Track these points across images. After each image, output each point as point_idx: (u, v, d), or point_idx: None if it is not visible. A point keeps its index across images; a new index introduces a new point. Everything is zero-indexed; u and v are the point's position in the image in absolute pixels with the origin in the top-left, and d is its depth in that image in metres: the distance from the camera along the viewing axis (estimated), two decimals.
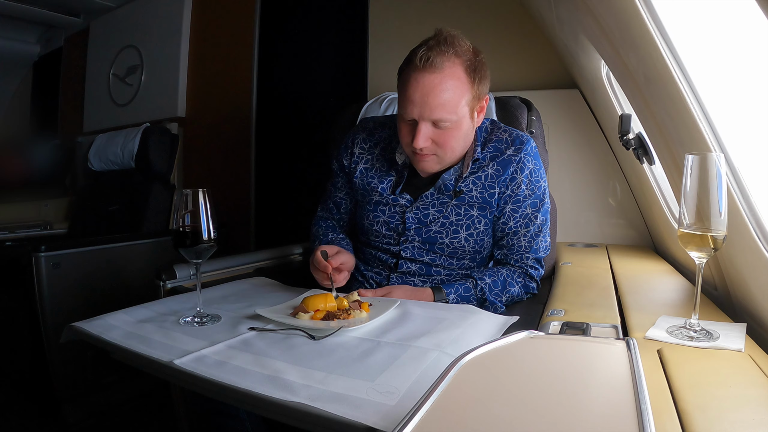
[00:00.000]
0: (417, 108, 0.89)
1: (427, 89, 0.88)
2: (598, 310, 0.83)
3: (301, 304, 0.83)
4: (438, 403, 0.40)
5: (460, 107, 0.91)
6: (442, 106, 0.89)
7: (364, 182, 1.09)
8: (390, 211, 1.06)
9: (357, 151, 1.11)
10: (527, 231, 1.02)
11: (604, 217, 1.65)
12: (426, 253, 1.04)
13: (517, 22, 1.72)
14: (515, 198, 1.00)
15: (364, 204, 1.11)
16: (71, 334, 0.78)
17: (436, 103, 0.88)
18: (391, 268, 1.07)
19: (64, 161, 2.89)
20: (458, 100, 0.90)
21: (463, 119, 0.92)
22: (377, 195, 1.07)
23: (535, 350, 0.52)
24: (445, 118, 0.89)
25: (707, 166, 0.63)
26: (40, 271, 1.54)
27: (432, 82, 0.88)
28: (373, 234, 1.08)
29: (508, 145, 1.01)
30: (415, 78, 0.89)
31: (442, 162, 0.98)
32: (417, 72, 0.89)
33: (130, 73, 2.72)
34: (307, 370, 0.61)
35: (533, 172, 1.01)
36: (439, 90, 0.88)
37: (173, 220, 0.81)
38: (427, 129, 0.91)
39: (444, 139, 0.93)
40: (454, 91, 0.89)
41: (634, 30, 0.79)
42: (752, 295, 0.78)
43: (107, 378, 1.69)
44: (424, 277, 1.05)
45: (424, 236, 1.03)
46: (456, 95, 0.89)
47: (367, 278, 1.10)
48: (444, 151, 0.95)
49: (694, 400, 0.50)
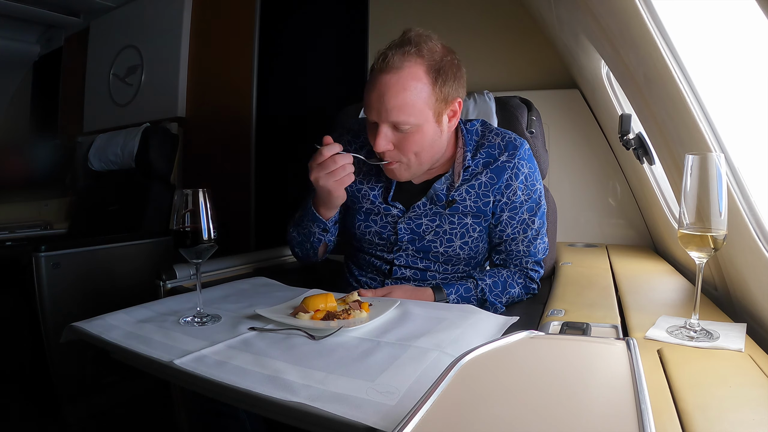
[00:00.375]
0: (374, 110, 0.86)
1: (383, 90, 0.84)
2: (598, 310, 0.83)
3: (301, 304, 0.83)
4: (438, 403, 0.40)
5: (421, 110, 0.86)
6: (399, 108, 0.84)
7: (353, 188, 1.05)
8: (382, 221, 1.03)
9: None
10: (525, 236, 1.01)
11: (604, 217, 1.65)
12: (420, 261, 1.03)
13: (517, 22, 1.72)
14: (512, 205, 0.99)
15: (354, 212, 1.07)
16: (71, 334, 0.78)
17: (392, 104, 0.84)
18: (385, 274, 1.06)
19: (64, 161, 2.89)
20: (417, 101, 0.85)
21: (426, 123, 0.87)
22: (368, 203, 1.04)
23: (535, 350, 0.52)
24: (404, 120, 0.85)
25: (707, 166, 0.63)
26: (40, 271, 1.54)
27: (388, 82, 0.84)
28: (366, 242, 1.07)
29: (501, 151, 0.98)
30: (373, 78, 0.86)
31: (411, 170, 0.93)
32: (375, 73, 0.86)
33: (130, 73, 2.72)
34: (307, 370, 0.61)
35: (528, 177, 0.99)
36: (394, 91, 0.84)
37: (173, 220, 0.81)
38: (387, 131, 0.87)
39: (406, 144, 0.88)
40: (413, 92, 0.84)
41: (634, 30, 0.79)
42: (752, 295, 0.78)
43: (107, 378, 1.69)
44: (420, 282, 1.04)
45: (418, 246, 1.02)
46: (415, 96, 0.84)
47: (361, 284, 1.10)
48: (407, 157, 0.90)
49: (694, 400, 0.50)
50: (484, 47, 1.78)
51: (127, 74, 2.73)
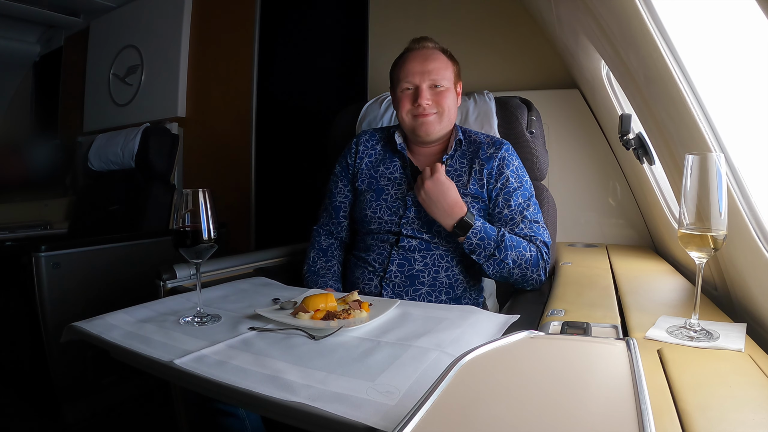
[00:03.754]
0: (417, 75, 1.09)
1: (424, 58, 1.10)
2: (598, 310, 0.83)
3: (301, 303, 0.83)
4: (438, 403, 0.40)
5: (449, 76, 1.11)
6: (437, 70, 1.09)
7: (371, 171, 1.19)
8: (393, 197, 1.14)
9: (362, 149, 1.22)
10: (524, 218, 1.06)
11: (604, 217, 1.65)
12: (425, 233, 1.08)
13: (517, 22, 1.72)
14: (506, 190, 1.08)
15: (367, 194, 1.17)
16: (71, 334, 0.78)
17: (432, 67, 1.09)
18: (392, 244, 1.10)
19: (64, 161, 2.89)
20: (446, 70, 1.11)
21: (451, 88, 1.12)
22: (384, 180, 1.16)
23: (535, 350, 0.52)
24: (440, 78, 1.09)
25: (707, 166, 0.63)
26: (40, 271, 1.54)
27: (426, 54, 1.11)
28: (375, 222, 1.13)
29: (489, 144, 1.13)
30: (412, 55, 1.12)
31: (441, 122, 1.11)
32: (413, 51, 1.13)
33: (130, 73, 2.72)
34: (308, 370, 0.61)
35: (519, 168, 1.12)
36: (433, 58, 1.10)
37: (173, 220, 0.81)
38: (427, 90, 1.09)
39: (441, 98, 1.10)
40: (443, 62, 1.11)
41: (634, 30, 0.79)
42: (752, 295, 0.78)
43: (107, 378, 1.69)
44: (424, 252, 1.08)
45: (423, 219, 1.08)
46: (444, 65, 1.11)
47: (369, 261, 1.12)
48: (442, 108, 1.10)
49: (695, 400, 0.49)
50: (484, 47, 1.78)
51: (127, 74, 2.74)
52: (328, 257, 1.19)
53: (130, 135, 2.31)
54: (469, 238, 1.00)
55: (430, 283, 1.07)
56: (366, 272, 1.11)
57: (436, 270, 1.07)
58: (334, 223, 1.23)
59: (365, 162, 1.20)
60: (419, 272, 1.07)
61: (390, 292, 1.07)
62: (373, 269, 1.10)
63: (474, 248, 1.00)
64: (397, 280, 1.07)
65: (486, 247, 1.00)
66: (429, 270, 1.07)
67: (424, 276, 1.07)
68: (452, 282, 1.08)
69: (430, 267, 1.07)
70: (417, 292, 1.06)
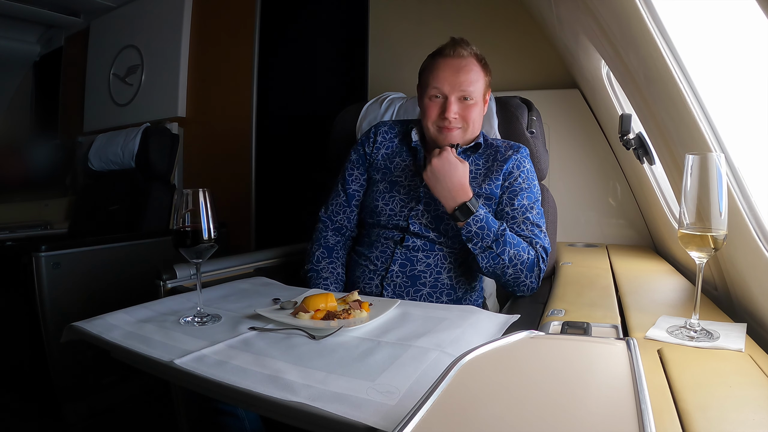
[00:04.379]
0: (448, 85, 1.06)
1: (456, 69, 1.07)
2: (598, 310, 0.83)
3: (301, 303, 0.83)
4: (438, 403, 0.40)
5: (480, 88, 1.09)
6: (469, 82, 1.06)
7: (386, 162, 1.20)
8: (405, 189, 1.14)
9: (380, 140, 1.22)
10: (525, 219, 1.05)
11: (604, 217, 1.65)
12: (431, 230, 1.08)
13: (517, 22, 1.72)
14: (511, 189, 1.09)
15: (380, 184, 1.17)
16: (71, 334, 0.78)
17: (464, 79, 1.06)
18: (396, 242, 1.10)
19: (64, 161, 2.88)
20: (478, 82, 1.08)
21: (480, 100, 1.10)
22: (398, 171, 1.17)
23: (536, 350, 0.52)
24: (471, 92, 1.06)
25: (707, 166, 0.63)
26: (40, 271, 1.54)
27: (460, 64, 1.07)
28: (385, 214, 1.13)
29: (507, 148, 1.13)
30: (445, 62, 1.07)
31: (465, 135, 1.11)
32: (447, 58, 1.08)
33: (130, 73, 2.72)
34: (308, 370, 0.61)
35: (530, 171, 1.12)
36: (466, 70, 1.07)
37: (173, 220, 0.81)
38: (455, 102, 1.07)
39: (468, 113, 1.08)
40: (476, 74, 1.08)
41: (634, 30, 0.79)
42: (752, 295, 0.78)
43: (107, 378, 1.69)
44: (428, 252, 1.08)
45: (433, 214, 1.08)
46: (476, 78, 1.08)
47: (371, 259, 1.11)
48: (467, 123, 1.09)
49: (695, 400, 0.49)
50: (484, 47, 1.76)
51: (127, 74, 2.74)
52: (332, 258, 1.17)
53: (130, 135, 2.31)
54: (469, 225, 0.98)
55: (431, 284, 1.06)
56: (367, 271, 1.11)
57: (438, 271, 1.07)
58: (345, 212, 1.20)
59: (382, 153, 1.20)
60: (421, 273, 1.07)
61: (391, 293, 1.06)
62: (375, 268, 1.10)
63: (472, 236, 0.98)
64: (399, 281, 1.07)
65: (485, 237, 0.98)
66: (431, 271, 1.07)
67: (426, 277, 1.06)
68: (454, 283, 1.07)
69: (432, 268, 1.07)
70: (418, 293, 1.06)
